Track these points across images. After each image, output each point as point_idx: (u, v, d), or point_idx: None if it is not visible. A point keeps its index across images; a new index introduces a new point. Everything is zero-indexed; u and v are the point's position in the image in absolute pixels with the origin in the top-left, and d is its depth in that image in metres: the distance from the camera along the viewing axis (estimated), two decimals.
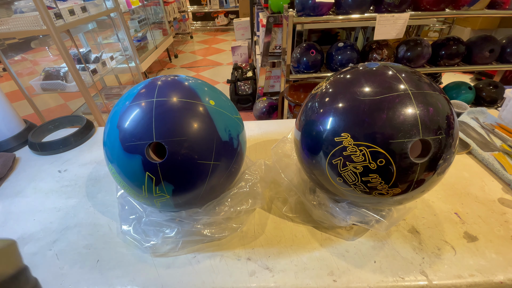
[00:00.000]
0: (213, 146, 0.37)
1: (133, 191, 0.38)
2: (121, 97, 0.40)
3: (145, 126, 0.34)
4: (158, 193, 0.37)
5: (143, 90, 0.38)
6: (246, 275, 0.40)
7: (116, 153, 0.36)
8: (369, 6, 1.24)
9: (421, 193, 0.37)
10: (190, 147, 0.35)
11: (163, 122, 0.34)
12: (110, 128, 0.37)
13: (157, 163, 0.34)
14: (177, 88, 0.38)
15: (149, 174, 0.35)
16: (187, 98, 0.37)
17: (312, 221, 0.47)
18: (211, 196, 0.43)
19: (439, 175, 0.36)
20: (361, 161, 0.34)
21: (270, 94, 2.17)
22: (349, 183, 0.36)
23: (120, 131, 0.36)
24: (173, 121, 0.35)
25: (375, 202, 0.39)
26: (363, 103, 0.34)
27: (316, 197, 0.46)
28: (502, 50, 1.39)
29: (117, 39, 2.41)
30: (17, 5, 1.59)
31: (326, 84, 0.40)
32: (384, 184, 0.34)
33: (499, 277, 0.37)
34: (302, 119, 0.42)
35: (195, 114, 0.37)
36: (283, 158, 0.54)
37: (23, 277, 0.24)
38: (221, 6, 4.77)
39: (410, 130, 0.32)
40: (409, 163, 0.33)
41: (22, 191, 0.58)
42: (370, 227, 0.42)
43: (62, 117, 0.79)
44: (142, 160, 0.34)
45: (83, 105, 2.33)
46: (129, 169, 0.36)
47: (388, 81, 0.35)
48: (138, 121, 0.35)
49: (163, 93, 0.37)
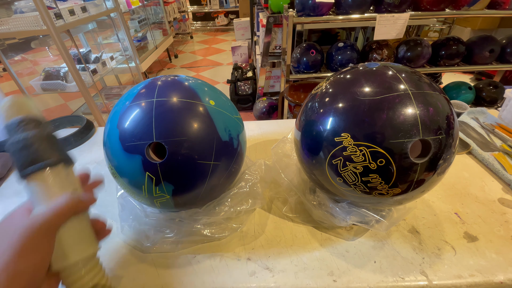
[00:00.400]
0: (213, 146, 0.37)
1: (133, 191, 0.38)
2: (121, 97, 0.40)
3: (145, 126, 0.34)
4: (158, 193, 0.36)
5: (143, 90, 0.38)
6: (246, 275, 0.40)
7: (116, 153, 0.36)
8: (369, 6, 1.24)
9: (421, 193, 0.37)
10: (190, 147, 0.35)
11: (163, 122, 0.34)
12: (110, 128, 0.37)
13: (157, 163, 0.34)
14: (177, 88, 0.38)
15: (149, 174, 0.35)
16: (187, 98, 0.37)
17: (312, 221, 0.47)
18: (211, 196, 0.43)
19: (439, 175, 0.36)
20: (361, 161, 0.34)
21: (270, 94, 2.17)
22: (349, 183, 0.36)
23: (120, 131, 0.35)
24: (173, 121, 0.35)
25: (375, 202, 0.39)
26: (363, 103, 0.34)
27: (316, 197, 0.46)
28: (502, 50, 1.39)
29: (117, 39, 2.41)
30: (17, 5, 1.59)
31: (326, 84, 0.40)
32: (384, 184, 0.34)
33: (499, 277, 0.37)
34: (302, 119, 0.42)
35: (195, 114, 0.37)
36: (283, 158, 0.54)
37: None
38: (221, 6, 4.77)
39: (410, 130, 0.32)
40: (409, 163, 0.32)
41: (22, 192, 0.57)
42: (370, 227, 0.42)
43: (62, 117, 0.79)
44: (142, 160, 0.34)
45: (83, 105, 2.33)
46: (129, 169, 0.36)
47: (388, 81, 0.35)
48: (138, 121, 0.35)
49: (163, 93, 0.37)
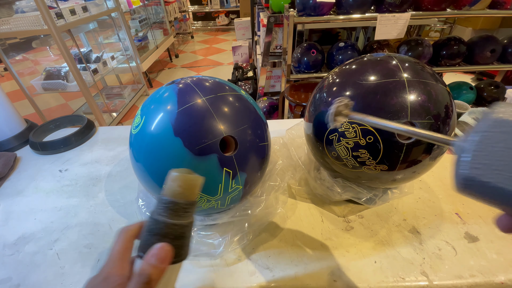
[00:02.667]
0: (263, 128, 0.40)
1: (206, 197, 0.37)
2: (149, 111, 0.37)
3: (211, 124, 0.34)
4: (234, 187, 0.37)
5: (182, 94, 0.36)
6: (246, 275, 0.40)
7: (185, 161, 0.34)
8: (370, 6, 1.24)
9: (413, 173, 0.41)
10: (252, 133, 0.38)
11: (224, 116, 0.35)
12: (167, 141, 0.34)
13: (232, 156, 0.35)
14: (211, 84, 0.39)
15: (226, 170, 0.35)
16: (228, 91, 0.39)
17: (313, 216, 0.47)
18: (263, 177, 0.46)
19: (432, 159, 0.39)
20: (353, 137, 0.38)
21: (271, 94, 2.17)
22: (342, 157, 0.41)
23: (183, 138, 0.34)
24: (232, 112, 0.37)
25: (367, 178, 0.43)
26: (361, 87, 0.38)
27: (319, 173, 0.53)
28: (503, 50, 1.38)
29: (118, 39, 2.42)
30: (18, 5, 1.59)
31: (335, 70, 0.46)
32: (372, 160, 0.38)
33: (500, 278, 0.37)
34: (311, 101, 0.47)
35: (242, 103, 0.39)
36: (296, 138, 0.60)
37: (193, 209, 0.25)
38: (222, 6, 4.77)
39: (399, 112, 0.35)
40: (395, 141, 0.36)
41: (23, 191, 0.58)
42: (361, 202, 0.46)
43: (63, 117, 0.79)
44: (218, 157, 0.34)
45: (84, 105, 2.33)
46: (205, 171, 0.34)
47: (387, 69, 0.38)
48: (201, 121, 0.34)
49: (204, 90, 0.37)
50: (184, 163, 0.34)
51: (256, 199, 0.45)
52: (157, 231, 0.23)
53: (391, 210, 0.48)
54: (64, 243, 0.46)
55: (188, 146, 0.33)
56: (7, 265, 0.43)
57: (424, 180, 0.54)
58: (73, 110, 2.45)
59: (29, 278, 0.41)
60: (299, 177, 0.55)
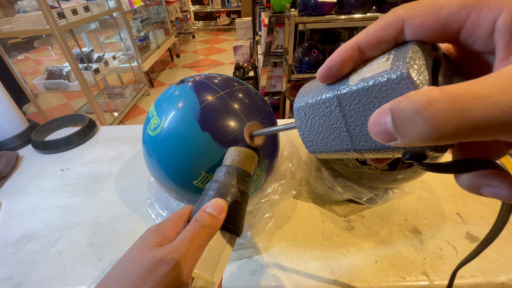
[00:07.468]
0: (273, 116, 0.42)
1: None
2: (167, 111, 0.37)
3: (234, 116, 0.36)
4: (259, 174, 0.38)
5: (199, 91, 0.37)
6: (247, 274, 0.40)
7: (214, 156, 0.35)
8: (372, 6, 1.24)
9: (414, 173, 0.41)
10: (268, 122, 0.39)
11: (243, 108, 0.37)
12: (195, 136, 0.34)
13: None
14: (222, 80, 0.40)
15: None
16: (239, 85, 0.40)
17: (314, 215, 0.47)
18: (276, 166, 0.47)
19: (432, 159, 0.39)
20: None
21: (272, 94, 2.17)
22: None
23: (211, 132, 0.34)
24: (248, 104, 0.38)
25: (368, 178, 0.42)
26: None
27: (320, 173, 0.53)
28: None
29: (120, 38, 2.42)
30: (20, 4, 1.60)
31: None
32: None
33: (500, 278, 0.37)
34: None
35: (253, 95, 0.40)
36: (298, 137, 0.61)
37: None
38: (223, 6, 4.77)
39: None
40: None
41: (25, 190, 0.58)
42: (362, 202, 0.47)
43: (64, 116, 0.79)
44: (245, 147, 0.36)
45: (85, 104, 2.34)
46: None
47: None
48: (224, 115, 0.35)
49: (219, 86, 0.38)
50: (215, 156, 0.34)
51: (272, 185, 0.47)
52: (213, 189, 0.25)
53: (392, 210, 0.48)
54: (65, 241, 0.46)
55: (216, 139, 0.34)
56: (9, 263, 0.43)
57: (425, 180, 0.54)
58: (75, 109, 2.46)
59: (31, 276, 0.41)
60: (300, 176, 0.55)
